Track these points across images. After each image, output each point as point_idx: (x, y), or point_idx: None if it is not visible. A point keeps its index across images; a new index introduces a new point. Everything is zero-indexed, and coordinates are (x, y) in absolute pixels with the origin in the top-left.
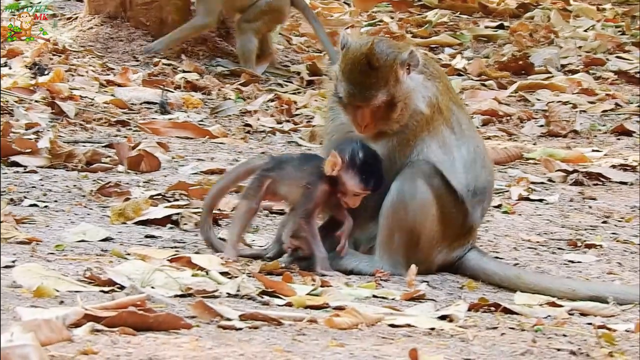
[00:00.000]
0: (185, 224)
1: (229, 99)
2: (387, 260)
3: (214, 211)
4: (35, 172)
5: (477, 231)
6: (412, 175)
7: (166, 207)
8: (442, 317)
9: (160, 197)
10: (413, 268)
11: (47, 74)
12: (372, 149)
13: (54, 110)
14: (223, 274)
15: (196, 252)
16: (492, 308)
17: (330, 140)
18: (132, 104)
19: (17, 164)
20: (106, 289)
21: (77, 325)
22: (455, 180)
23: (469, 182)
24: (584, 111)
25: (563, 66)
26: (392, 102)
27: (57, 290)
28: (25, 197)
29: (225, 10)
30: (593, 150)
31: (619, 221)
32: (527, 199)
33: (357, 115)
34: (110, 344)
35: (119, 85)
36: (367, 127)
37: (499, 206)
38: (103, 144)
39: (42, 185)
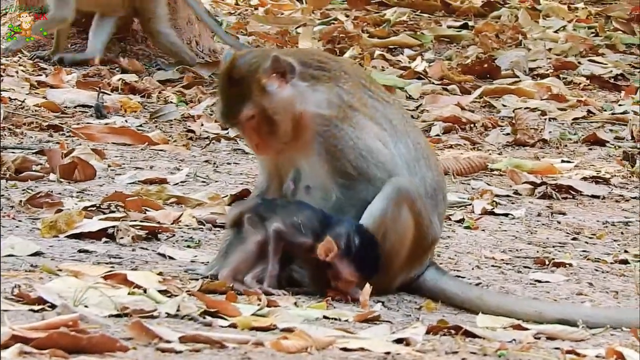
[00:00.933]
0: (121, 237)
1: (171, 102)
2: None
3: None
4: None
5: (437, 247)
6: (397, 199)
7: (101, 219)
8: (399, 341)
9: (95, 208)
10: (367, 287)
11: None
12: (368, 232)
13: None
14: (162, 292)
15: (133, 269)
16: (453, 331)
17: (260, 162)
18: (66, 107)
19: None
20: (36, 307)
21: (4, 346)
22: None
23: (417, 184)
24: (554, 119)
25: (531, 70)
26: (266, 115)
27: None
28: None
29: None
30: (563, 161)
31: (590, 238)
32: (491, 213)
33: (243, 135)
34: None
35: (52, 86)
36: (258, 146)
37: (461, 221)
38: (33, 151)
39: None
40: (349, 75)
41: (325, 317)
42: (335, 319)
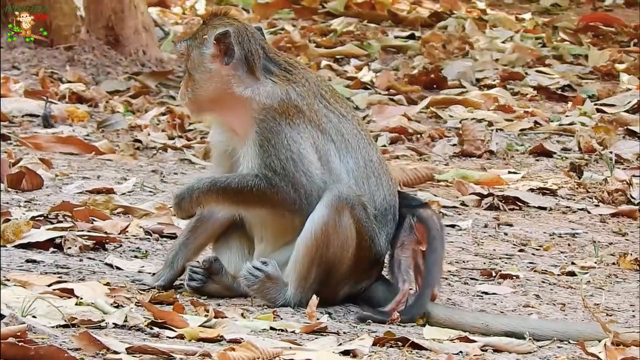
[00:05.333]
0: (69, 247)
1: (117, 112)
2: (300, 294)
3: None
4: None
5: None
6: (338, 205)
7: (49, 229)
8: (345, 352)
9: (42, 218)
10: (314, 299)
11: None
12: None
13: None
14: (110, 303)
15: (81, 279)
16: (399, 343)
17: (213, 158)
18: (14, 116)
19: None
20: None
21: None
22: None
23: (359, 193)
24: (501, 129)
25: (478, 80)
26: (191, 66)
27: None
28: None
29: None
30: (510, 172)
31: (537, 249)
32: None
33: None
34: None
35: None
36: (180, 93)
37: None
38: None
39: None
40: (309, 83)
41: (272, 328)
42: (282, 330)
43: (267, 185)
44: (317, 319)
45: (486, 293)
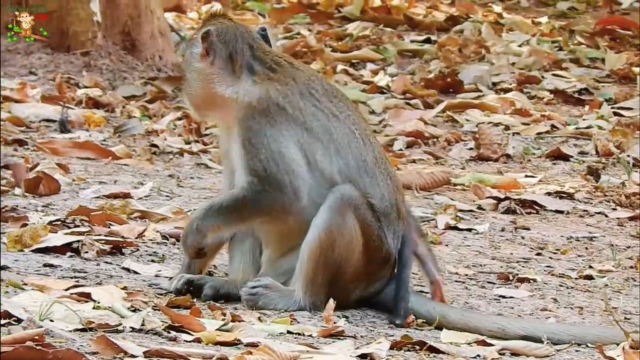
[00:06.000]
0: (86, 252)
1: (134, 117)
2: (309, 298)
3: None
4: None
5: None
6: (341, 207)
7: (66, 233)
8: (363, 356)
9: (59, 222)
10: (331, 303)
11: None
12: None
13: None
14: (127, 307)
15: (98, 283)
16: (417, 346)
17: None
18: (31, 121)
19: None
20: (2, 322)
21: None
22: None
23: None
24: (517, 133)
25: (495, 84)
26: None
27: None
28: None
29: None
30: (526, 176)
31: (554, 253)
32: (454, 228)
33: None
34: None
35: (16, 101)
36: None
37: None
38: None
39: None
40: (295, 81)
41: (289, 332)
42: (299, 334)
43: (253, 194)
44: (334, 323)
45: (503, 297)
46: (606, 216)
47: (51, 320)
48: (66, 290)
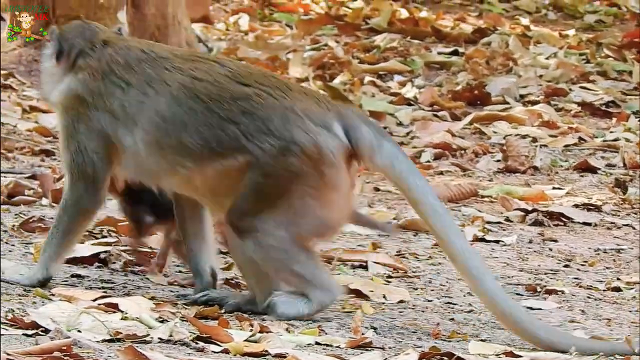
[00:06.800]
0: (114, 262)
1: None
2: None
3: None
4: None
5: (429, 274)
6: None
7: (93, 244)
8: None
9: (87, 233)
10: (359, 313)
11: None
12: None
13: None
14: (155, 317)
15: (126, 294)
16: (445, 357)
17: None
18: (57, 131)
19: None
20: (29, 332)
21: None
22: None
23: None
24: (545, 145)
25: (522, 96)
26: None
27: None
28: None
29: None
30: (554, 188)
31: (582, 265)
32: (482, 240)
33: None
34: None
35: (44, 111)
36: None
37: None
38: (26, 175)
39: None
40: (100, 62)
41: (317, 343)
42: (328, 345)
43: (70, 197)
44: (362, 334)
45: (531, 308)
46: (634, 228)
47: (79, 331)
48: (94, 300)
